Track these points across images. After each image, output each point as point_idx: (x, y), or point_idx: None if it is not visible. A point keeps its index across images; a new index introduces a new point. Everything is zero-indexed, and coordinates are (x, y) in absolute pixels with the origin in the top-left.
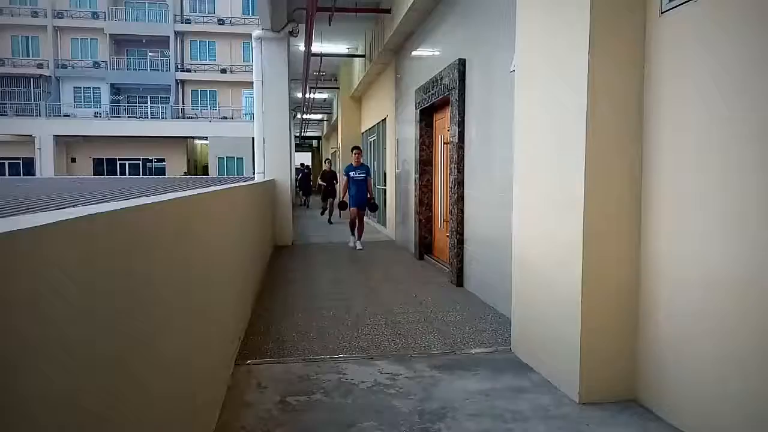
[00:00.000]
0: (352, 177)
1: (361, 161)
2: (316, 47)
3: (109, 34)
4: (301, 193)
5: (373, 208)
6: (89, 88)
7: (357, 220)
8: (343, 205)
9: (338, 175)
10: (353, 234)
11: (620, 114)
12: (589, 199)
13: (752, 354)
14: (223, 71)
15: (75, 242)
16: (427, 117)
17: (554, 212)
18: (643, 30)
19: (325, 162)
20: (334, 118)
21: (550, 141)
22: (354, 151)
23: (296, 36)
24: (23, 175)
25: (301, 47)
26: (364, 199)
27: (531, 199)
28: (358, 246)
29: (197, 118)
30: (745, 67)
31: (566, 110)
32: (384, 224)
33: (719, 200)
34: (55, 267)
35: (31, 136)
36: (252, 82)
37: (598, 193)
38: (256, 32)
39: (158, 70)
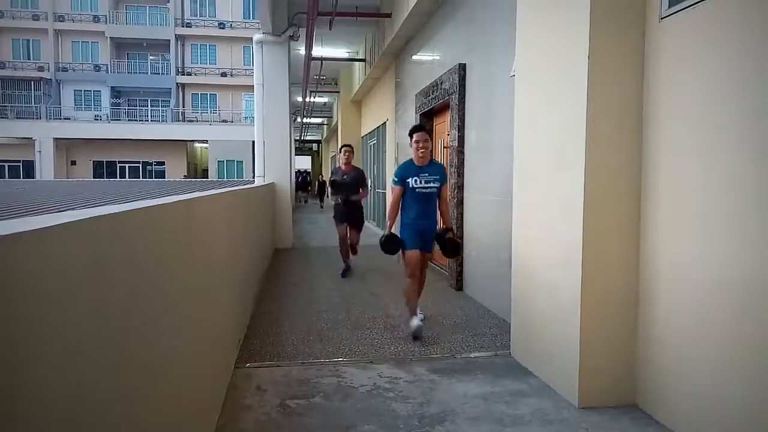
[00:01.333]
0: (414, 188)
1: (430, 157)
2: (317, 51)
3: (110, 38)
4: (300, 193)
5: (454, 249)
6: (90, 91)
7: (419, 272)
8: (391, 245)
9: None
10: (412, 307)
11: (620, 117)
12: (589, 202)
13: (752, 358)
14: (224, 75)
15: (78, 244)
16: (427, 121)
17: (554, 215)
18: (642, 35)
19: (342, 151)
20: (334, 122)
21: (550, 145)
22: (414, 136)
23: (297, 40)
24: (23, 177)
25: (302, 51)
26: (435, 230)
27: (531, 201)
28: (418, 319)
29: (197, 121)
30: (745, 70)
31: (566, 113)
32: (384, 228)
33: (719, 203)
34: (59, 269)
35: (31, 138)
36: (252, 86)
37: (597, 197)
38: (257, 36)
39: (159, 73)
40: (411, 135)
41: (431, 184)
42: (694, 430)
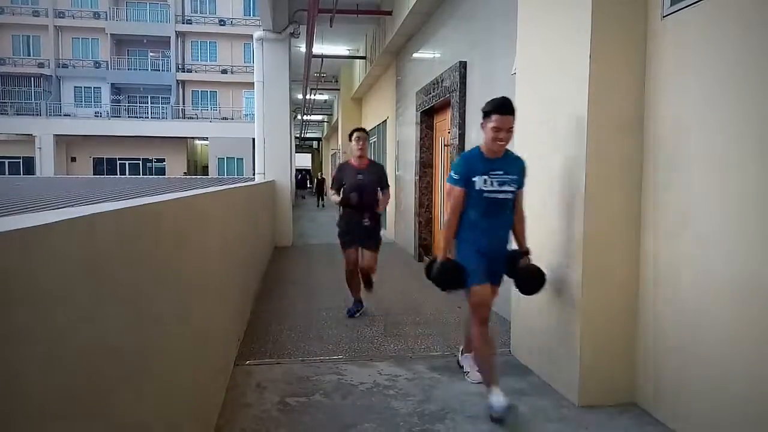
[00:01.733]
0: (482, 191)
1: (507, 148)
2: (317, 49)
3: (110, 34)
4: (299, 191)
5: (536, 280)
6: (90, 87)
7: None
8: (450, 277)
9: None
10: (486, 370)
11: (621, 114)
12: (590, 201)
13: (752, 356)
14: (224, 72)
15: (77, 242)
16: (427, 119)
17: (555, 214)
18: (644, 33)
19: (354, 137)
20: (334, 120)
21: (551, 143)
22: (494, 119)
23: (297, 37)
24: (23, 173)
25: (302, 48)
26: (506, 253)
27: (531, 200)
28: (501, 394)
29: (197, 118)
30: (746, 69)
31: (567, 112)
32: (384, 226)
33: (720, 201)
34: (57, 266)
35: (31, 135)
36: (252, 83)
37: (598, 196)
38: (258, 33)
39: (159, 70)
40: (489, 115)
41: (507, 188)
42: (693, 429)
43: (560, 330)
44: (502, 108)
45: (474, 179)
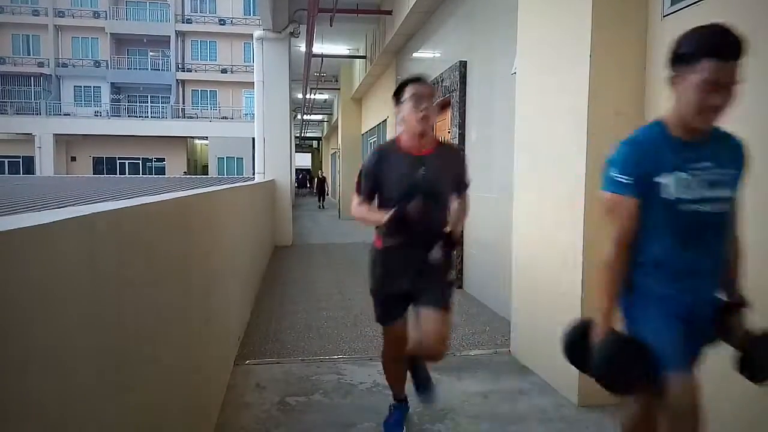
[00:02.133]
0: (678, 202)
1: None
2: (317, 48)
3: (110, 34)
4: (299, 190)
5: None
6: (90, 87)
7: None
8: (619, 366)
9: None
10: None
11: (621, 115)
12: (591, 200)
13: None
14: (224, 71)
15: (76, 241)
16: None
17: (555, 214)
18: (645, 32)
19: (411, 96)
20: (334, 119)
21: (551, 142)
22: (702, 69)
23: (297, 37)
24: (23, 173)
25: (302, 48)
26: (714, 307)
27: (531, 200)
28: None
29: (197, 117)
30: (747, 68)
31: (567, 112)
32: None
33: None
34: (56, 266)
35: (31, 134)
36: (252, 83)
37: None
38: (258, 33)
39: (159, 69)
40: (691, 61)
41: (722, 192)
42: None
43: (561, 330)
44: (722, 48)
45: (659, 179)
